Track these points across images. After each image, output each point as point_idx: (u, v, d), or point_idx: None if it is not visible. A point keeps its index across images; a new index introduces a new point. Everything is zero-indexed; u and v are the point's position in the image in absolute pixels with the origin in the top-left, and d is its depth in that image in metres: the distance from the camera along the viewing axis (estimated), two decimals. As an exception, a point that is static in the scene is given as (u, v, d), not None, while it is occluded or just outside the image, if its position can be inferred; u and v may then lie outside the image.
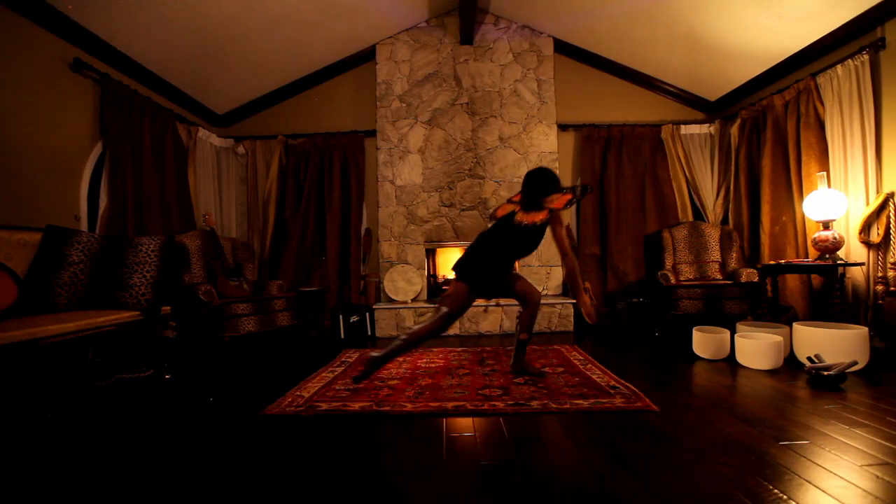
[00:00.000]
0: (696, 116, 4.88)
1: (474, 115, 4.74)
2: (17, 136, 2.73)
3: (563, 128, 4.83)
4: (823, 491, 1.30)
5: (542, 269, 4.75)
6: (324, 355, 3.43)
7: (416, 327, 2.55)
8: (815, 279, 3.47)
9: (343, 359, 3.27)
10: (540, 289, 4.72)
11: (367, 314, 4.45)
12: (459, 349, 3.51)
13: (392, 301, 4.62)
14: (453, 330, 4.33)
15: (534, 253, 4.62)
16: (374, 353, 2.50)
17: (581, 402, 2.16)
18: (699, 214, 4.65)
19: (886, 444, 1.61)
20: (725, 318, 3.61)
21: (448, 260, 5.15)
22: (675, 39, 4.10)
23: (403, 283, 4.65)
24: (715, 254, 4.21)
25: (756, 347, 2.74)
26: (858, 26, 3.15)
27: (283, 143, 4.78)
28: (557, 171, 4.75)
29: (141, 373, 2.77)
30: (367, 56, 4.86)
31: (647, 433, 1.79)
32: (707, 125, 4.68)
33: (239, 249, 4.29)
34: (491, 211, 2.84)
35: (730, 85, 4.43)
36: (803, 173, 3.54)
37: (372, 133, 4.82)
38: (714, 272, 4.15)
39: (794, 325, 2.80)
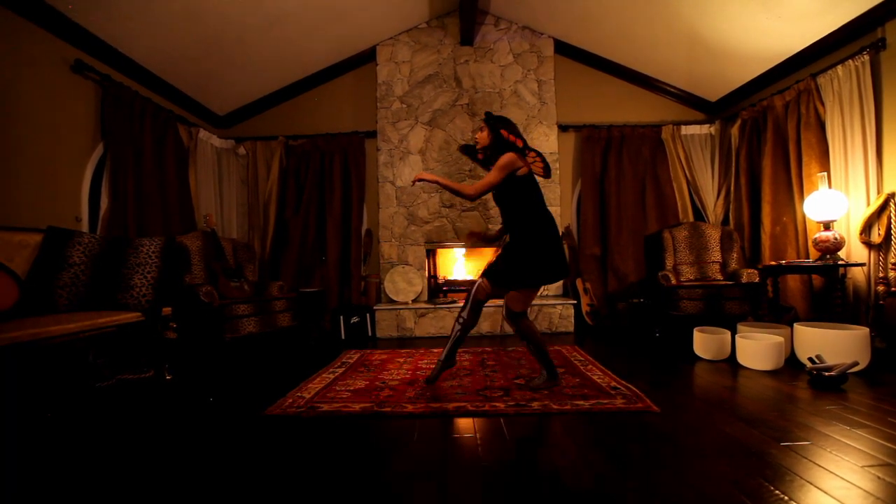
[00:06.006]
0: (696, 117, 4.88)
1: (475, 116, 4.74)
2: (18, 138, 2.73)
3: (563, 128, 4.83)
4: (825, 492, 1.30)
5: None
6: (324, 356, 3.43)
7: None
8: (816, 280, 3.47)
9: (344, 360, 3.27)
10: (540, 290, 4.71)
11: (368, 315, 4.45)
12: (460, 350, 3.51)
13: (393, 302, 4.62)
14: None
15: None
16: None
17: (582, 402, 2.16)
18: (700, 215, 4.64)
19: (888, 444, 1.60)
20: (726, 318, 3.61)
21: (448, 261, 5.16)
22: (676, 40, 4.10)
23: (404, 284, 4.65)
24: (715, 254, 4.21)
25: (757, 348, 2.74)
26: (859, 27, 3.15)
27: (283, 143, 4.78)
28: (558, 172, 4.77)
29: (142, 374, 2.77)
30: (367, 57, 4.86)
31: (648, 434, 1.79)
32: (707, 125, 4.68)
33: (240, 250, 4.29)
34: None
35: (730, 85, 4.43)
36: (804, 174, 3.54)
37: (372, 134, 4.82)
38: (715, 273, 4.15)
39: (795, 325, 2.80)
